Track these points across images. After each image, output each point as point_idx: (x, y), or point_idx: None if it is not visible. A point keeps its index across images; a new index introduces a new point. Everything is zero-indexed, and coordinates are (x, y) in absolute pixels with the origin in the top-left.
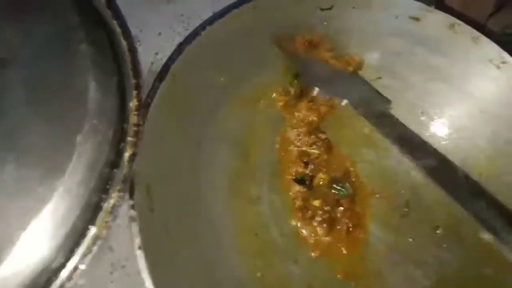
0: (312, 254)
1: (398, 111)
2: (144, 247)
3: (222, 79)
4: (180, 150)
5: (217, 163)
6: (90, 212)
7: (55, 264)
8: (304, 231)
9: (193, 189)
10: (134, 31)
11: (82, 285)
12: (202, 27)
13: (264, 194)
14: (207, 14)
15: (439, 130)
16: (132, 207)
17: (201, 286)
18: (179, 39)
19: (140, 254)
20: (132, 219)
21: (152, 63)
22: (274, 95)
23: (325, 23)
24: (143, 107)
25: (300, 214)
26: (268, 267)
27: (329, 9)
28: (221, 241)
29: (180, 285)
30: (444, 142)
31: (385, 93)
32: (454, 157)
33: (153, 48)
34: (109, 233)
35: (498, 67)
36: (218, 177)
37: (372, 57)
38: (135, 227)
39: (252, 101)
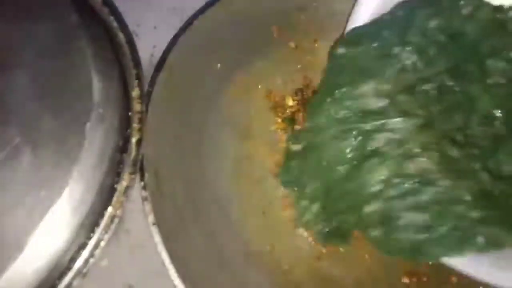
0: None
1: None
2: (158, 223)
3: (218, 65)
4: (184, 136)
5: (220, 147)
6: (106, 194)
7: (77, 242)
8: None
9: (199, 174)
10: (131, 27)
11: (105, 266)
12: (195, 16)
13: (267, 173)
14: (200, 5)
15: None
16: (144, 188)
17: (212, 262)
18: (174, 31)
19: (154, 230)
20: (144, 198)
21: (151, 55)
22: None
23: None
24: (145, 96)
25: None
26: (277, 241)
27: None
28: (230, 220)
29: (192, 260)
30: None
31: None
32: None
33: (151, 42)
34: (126, 216)
35: None
36: (222, 160)
37: None
38: (147, 206)
39: (250, 87)
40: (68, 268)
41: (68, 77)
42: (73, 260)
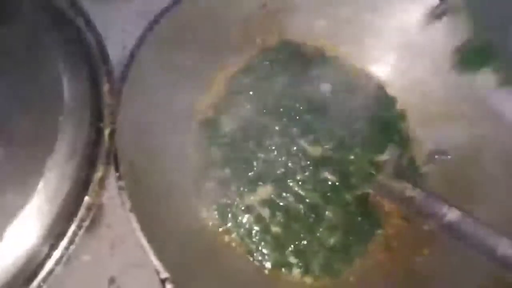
0: None
1: None
2: (135, 210)
3: (188, 62)
4: (158, 129)
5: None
6: (82, 184)
7: (56, 232)
8: None
9: (174, 162)
10: (100, 29)
11: (87, 260)
12: (161, 14)
13: None
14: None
15: None
16: (119, 178)
17: (190, 248)
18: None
19: (131, 216)
20: (120, 188)
21: (120, 56)
22: None
23: None
24: (116, 90)
25: None
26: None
27: None
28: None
29: (171, 246)
30: None
31: None
32: None
33: (119, 43)
34: (106, 211)
35: None
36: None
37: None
38: (124, 194)
39: (218, 82)
40: (49, 255)
41: (38, 73)
42: (52, 248)
